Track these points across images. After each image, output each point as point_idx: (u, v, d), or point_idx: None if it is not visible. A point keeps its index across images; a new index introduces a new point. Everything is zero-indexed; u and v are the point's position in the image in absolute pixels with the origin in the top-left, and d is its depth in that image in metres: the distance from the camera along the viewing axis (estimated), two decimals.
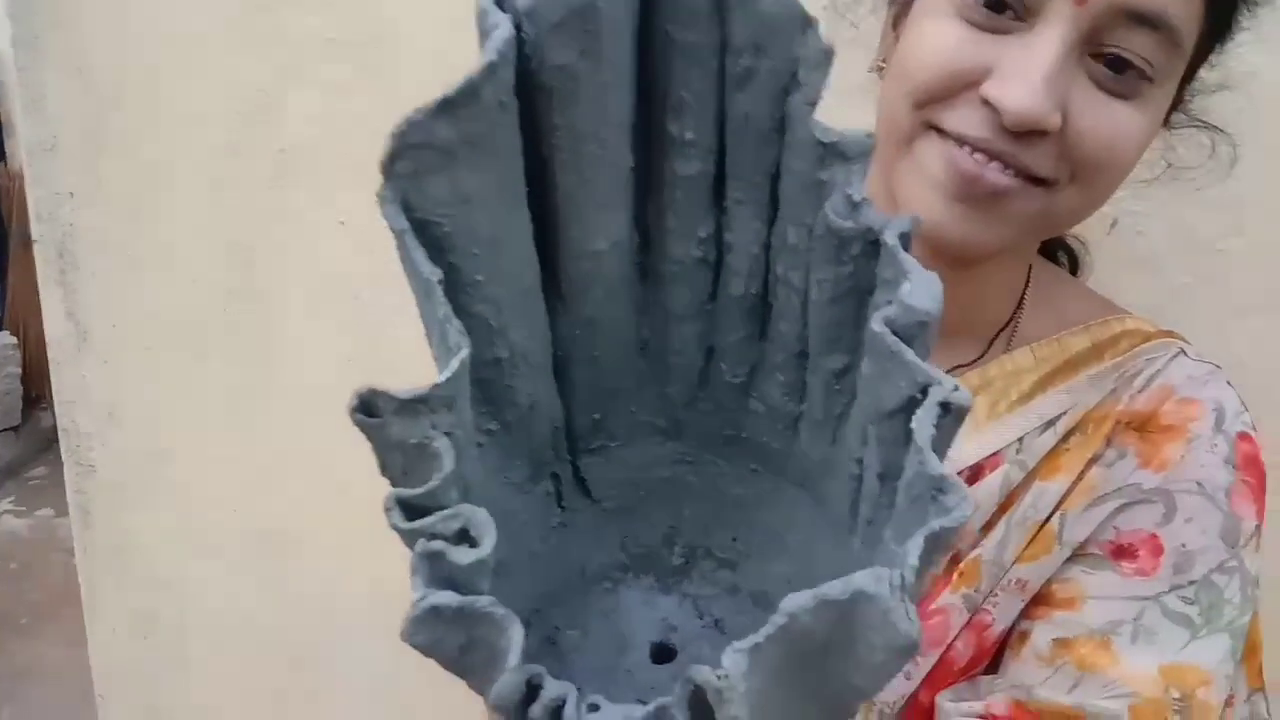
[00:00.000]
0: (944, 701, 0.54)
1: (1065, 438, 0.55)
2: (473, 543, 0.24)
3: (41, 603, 2.38)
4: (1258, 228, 0.70)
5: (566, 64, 0.25)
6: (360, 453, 0.31)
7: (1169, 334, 0.58)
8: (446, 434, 0.25)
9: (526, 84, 0.25)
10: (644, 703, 0.23)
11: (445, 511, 0.24)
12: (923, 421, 0.24)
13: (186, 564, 1.02)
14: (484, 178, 0.25)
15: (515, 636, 0.23)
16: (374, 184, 0.25)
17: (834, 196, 0.26)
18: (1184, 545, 0.52)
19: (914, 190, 0.49)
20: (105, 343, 0.92)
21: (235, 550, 1.00)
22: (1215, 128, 0.57)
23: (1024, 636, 0.55)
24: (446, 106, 0.24)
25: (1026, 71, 0.44)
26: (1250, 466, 0.54)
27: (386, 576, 0.56)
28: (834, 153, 0.26)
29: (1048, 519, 0.55)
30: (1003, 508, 0.55)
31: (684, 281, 0.31)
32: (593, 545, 0.36)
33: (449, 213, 0.26)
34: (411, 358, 0.36)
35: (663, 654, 0.35)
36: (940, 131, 0.47)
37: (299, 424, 0.93)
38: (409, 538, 0.24)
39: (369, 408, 0.24)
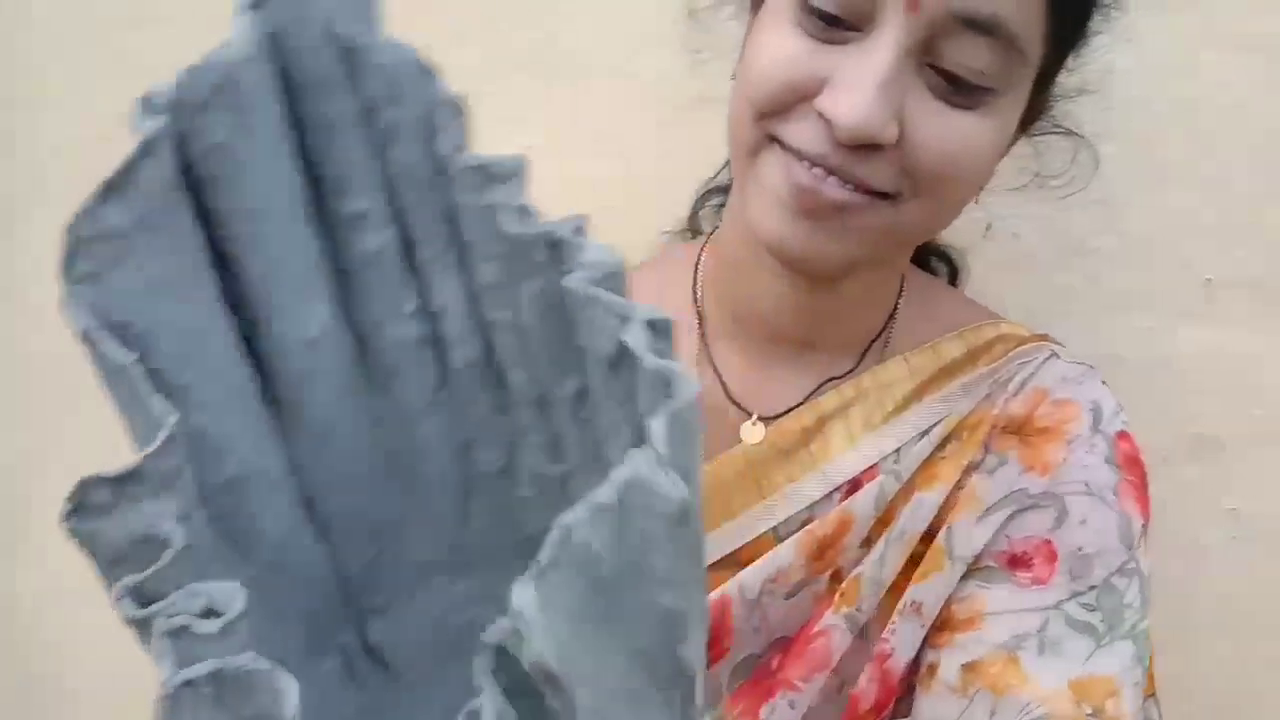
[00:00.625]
0: None
1: (941, 446, 0.55)
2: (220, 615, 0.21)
3: None
4: (1128, 225, 0.71)
5: (222, 141, 0.25)
6: None
7: (1043, 337, 0.58)
8: (179, 520, 0.22)
9: (191, 179, 0.25)
10: None
11: (183, 590, 0.21)
12: (635, 335, 0.23)
13: (68, 624, 0.95)
14: (169, 263, 0.25)
15: (289, 692, 0.20)
16: None
17: (503, 212, 0.27)
18: (1080, 549, 0.52)
19: (758, 204, 0.48)
20: None
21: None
22: (1074, 133, 0.57)
23: (932, 669, 0.53)
24: (111, 189, 0.23)
25: (858, 83, 0.43)
26: (1131, 465, 0.54)
27: None
28: (490, 176, 0.27)
29: (928, 532, 0.54)
30: (882, 522, 0.54)
31: (410, 369, 0.30)
32: None
33: (140, 307, 0.24)
34: None
35: None
36: (782, 144, 0.46)
37: None
38: (144, 627, 0.21)
39: (83, 505, 0.22)
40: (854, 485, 0.55)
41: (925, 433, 0.55)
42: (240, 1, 0.25)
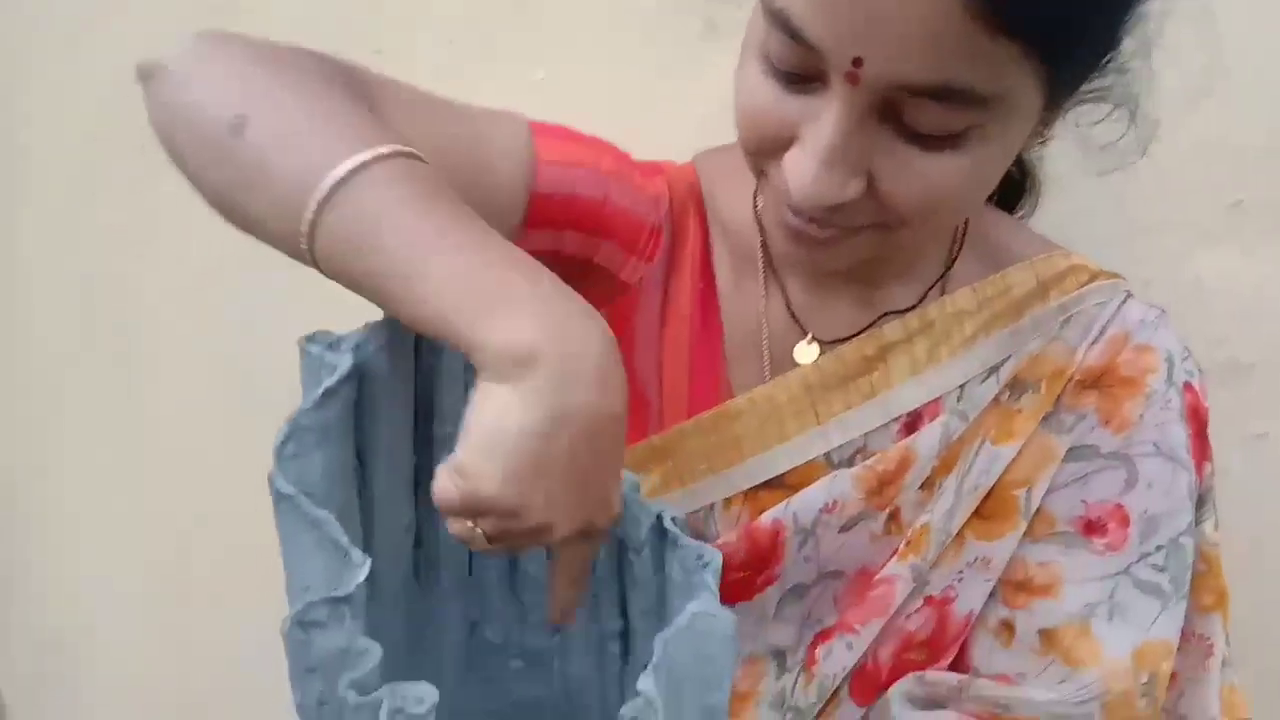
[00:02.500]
0: (901, 710, 0.53)
1: (1016, 397, 0.54)
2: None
3: None
4: (1155, 147, 0.69)
5: (384, 377, 0.36)
6: (249, 483, 0.40)
7: (1113, 275, 0.56)
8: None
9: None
10: None
11: (387, 686, 0.30)
12: (670, 525, 0.38)
13: (75, 625, 0.92)
14: (339, 456, 0.35)
15: None
16: None
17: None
18: (1147, 511, 0.52)
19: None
20: None
21: (127, 604, 0.91)
22: (1123, 105, 0.53)
23: (1009, 626, 0.54)
24: (327, 395, 0.34)
25: (809, 154, 0.42)
26: (1194, 417, 0.54)
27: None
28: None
29: (996, 485, 0.54)
30: (946, 465, 0.54)
31: (450, 558, 0.40)
32: None
33: (318, 484, 0.34)
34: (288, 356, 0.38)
35: None
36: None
37: (179, 455, 0.85)
38: (365, 710, 0.30)
39: (304, 620, 0.30)
40: (914, 419, 0.54)
41: (994, 369, 0.54)
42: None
